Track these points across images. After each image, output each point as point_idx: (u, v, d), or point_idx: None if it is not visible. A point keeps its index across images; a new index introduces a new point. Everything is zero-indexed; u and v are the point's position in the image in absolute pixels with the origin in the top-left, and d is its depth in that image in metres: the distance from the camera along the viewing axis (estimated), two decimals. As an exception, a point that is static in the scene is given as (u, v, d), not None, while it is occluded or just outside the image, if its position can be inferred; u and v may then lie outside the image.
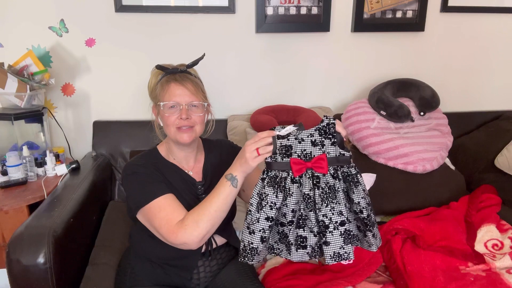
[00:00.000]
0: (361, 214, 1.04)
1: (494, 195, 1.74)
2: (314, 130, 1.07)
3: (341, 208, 1.03)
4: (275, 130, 1.05)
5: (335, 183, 1.04)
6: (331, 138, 1.06)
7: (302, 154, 1.05)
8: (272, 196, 1.03)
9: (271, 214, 1.03)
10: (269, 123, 1.87)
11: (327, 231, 1.01)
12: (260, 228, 1.04)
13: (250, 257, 1.05)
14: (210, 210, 1.08)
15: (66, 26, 1.93)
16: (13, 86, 1.75)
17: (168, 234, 1.08)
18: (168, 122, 1.18)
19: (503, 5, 2.24)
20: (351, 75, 2.23)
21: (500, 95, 2.42)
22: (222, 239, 1.31)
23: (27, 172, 1.70)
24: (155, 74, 1.23)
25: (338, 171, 1.05)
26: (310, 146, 1.06)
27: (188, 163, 1.28)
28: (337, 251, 1.02)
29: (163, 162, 1.24)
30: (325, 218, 1.02)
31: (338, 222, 1.02)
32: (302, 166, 1.04)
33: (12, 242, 1.17)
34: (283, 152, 1.05)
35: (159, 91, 1.18)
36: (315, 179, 1.04)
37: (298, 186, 1.04)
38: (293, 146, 1.06)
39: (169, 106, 1.17)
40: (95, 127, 1.99)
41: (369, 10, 2.11)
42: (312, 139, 1.06)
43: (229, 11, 1.99)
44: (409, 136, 1.90)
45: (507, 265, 1.35)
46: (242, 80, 2.13)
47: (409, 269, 1.31)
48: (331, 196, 1.03)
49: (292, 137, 1.06)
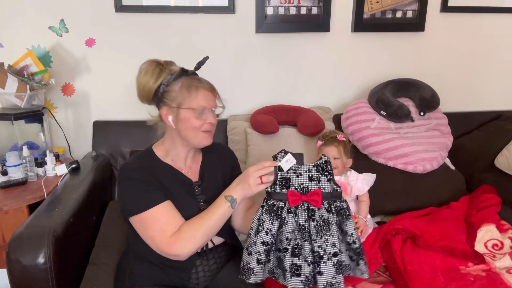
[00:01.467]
0: (354, 244, 1.14)
1: (494, 195, 1.74)
2: (312, 166, 1.16)
3: (334, 240, 1.11)
4: (277, 160, 1.15)
5: (329, 217, 1.13)
6: (327, 175, 1.16)
7: (300, 188, 1.15)
8: (268, 223, 1.13)
9: (266, 239, 1.12)
10: (269, 123, 1.87)
11: (321, 261, 1.09)
12: (256, 251, 1.13)
13: (247, 275, 1.15)
14: (208, 226, 1.14)
15: (66, 26, 1.93)
16: (13, 86, 1.75)
17: (163, 245, 1.11)
18: (195, 126, 1.19)
19: (503, 5, 2.24)
20: (351, 75, 2.23)
21: (500, 95, 2.42)
22: (220, 239, 1.31)
23: (27, 172, 1.70)
24: (152, 73, 1.19)
25: (331, 205, 1.15)
26: (307, 181, 1.15)
27: (186, 163, 1.29)
28: (329, 281, 1.09)
29: (158, 164, 1.24)
30: (319, 249, 1.10)
31: (332, 253, 1.10)
32: (298, 198, 1.14)
33: (12, 242, 1.17)
34: (282, 183, 1.16)
35: (184, 95, 1.17)
36: (310, 212, 1.13)
37: (294, 216, 1.13)
38: (291, 179, 1.16)
39: (199, 111, 1.18)
40: (95, 127, 1.99)
41: (369, 10, 2.11)
42: (310, 174, 1.16)
43: (229, 11, 1.99)
44: (409, 136, 1.90)
45: (507, 265, 1.35)
46: (242, 80, 2.13)
47: (409, 269, 1.31)
48: (325, 228, 1.11)
49: (292, 171, 1.15)
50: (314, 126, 1.87)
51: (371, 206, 1.61)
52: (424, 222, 1.57)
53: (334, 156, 1.58)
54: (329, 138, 1.63)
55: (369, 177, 1.60)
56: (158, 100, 1.21)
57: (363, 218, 1.52)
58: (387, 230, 1.53)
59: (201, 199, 1.27)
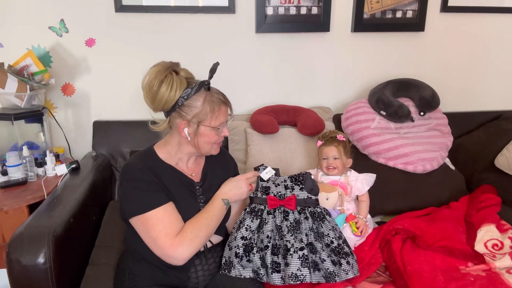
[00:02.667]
0: (332, 244, 1.29)
1: (494, 195, 1.74)
2: (287, 177, 1.41)
3: (301, 237, 1.28)
4: (259, 171, 1.39)
5: (300, 218, 1.33)
6: (299, 185, 1.39)
7: (277, 194, 1.38)
8: (248, 221, 1.33)
9: (245, 234, 1.30)
10: (269, 123, 1.87)
11: (288, 253, 1.24)
12: (235, 245, 1.29)
13: (228, 269, 1.27)
14: (209, 226, 1.20)
15: (66, 26, 1.93)
16: (13, 86, 1.75)
17: (166, 246, 1.11)
18: (213, 141, 1.21)
19: (503, 5, 2.24)
20: (351, 75, 2.23)
21: (500, 95, 2.42)
22: (218, 238, 1.32)
23: (27, 172, 1.70)
24: (170, 83, 1.12)
25: (305, 210, 1.35)
26: (283, 189, 1.39)
27: (189, 165, 1.29)
28: (294, 272, 1.21)
29: (160, 165, 1.24)
30: (287, 243, 1.26)
31: (298, 247, 1.25)
32: (276, 202, 1.36)
33: (12, 242, 1.17)
34: (263, 191, 1.40)
35: (207, 113, 1.16)
36: (285, 214, 1.33)
37: (273, 217, 1.33)
38: (270, 188, 1.40)
39: (220, 128, 1.20)
40: (95, 127, 1.99)
41: (369, 10, 2.11)
42: (285, 184, 1.40)
43: (229, 11, 1.99)
44: (409, 136, 1.90)
45: (507, 265, 1.35)
46: (242, 80, 2.13)
47: (409, 269, 1.31)
48: (295, 227, 1.30)
49: (271, 181, 1.40)
50: (314, 126, 1.87)
51: (371, 206, 1.61)
52: (424, 222, 1.57)
53: (334, 156, 1.58)
54: (329, 138, 1.62)
55: (369, 177, 1.60)
56: (172, 110, 1.17)
57: (363, 218, 1.52)
58: (387, 230, 1.53)
59: (201, 199, 1.27)
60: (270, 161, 1.80)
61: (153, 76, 1.13)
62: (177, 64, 1.19)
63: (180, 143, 1.23)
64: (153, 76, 1.13)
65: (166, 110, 1.18)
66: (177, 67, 1.18)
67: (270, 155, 1.82)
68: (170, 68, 1.15)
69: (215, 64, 1.20)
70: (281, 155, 1.82)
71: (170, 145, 1.25)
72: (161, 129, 1.23)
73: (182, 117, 1.16)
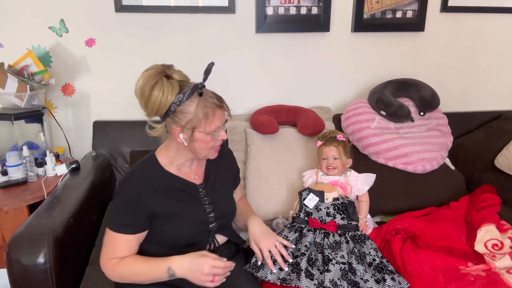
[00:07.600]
0: (374, 262, 1.29)
1: (494, 195, 1.74)
2: (330, 205, 1.44)
3: (343, 253, 1.30)
4: (302, 197, 1.47)
5: (340, 239, 1.35)
6: (341, 214, 1.42)
7: (319, 219, 1.43)
8: (287, 232, 1.41)
9: None
10: (269, 123, 1.87)
11: (330, 263, 1.26)
12: None
13: (256, 270, 1.27)
14: (139, 280, 1.16)
15: (66, 26, 1.93)
16: (13, 86, 1.75)
17: (102, 260, 1.16)
18: (209, 146, 1.17)
19: (503, 5, 2.24)
20: (351, 75, 2.23)
21: (500, 95, 2.42)
22: (223, 238, 1.31)
23: (27, 172, 1.70)
24: (161, 88, 1.08)
25: (346, 234, 1.38)
26: (325, 216, 1.43)
27: (191, 168, 1.28)
28: (335, 280, 1.22)
29: (161, 173, 1.22)
30: (329, 255, 1.29)
31: (340, 261, 1.27)
32: (317, 225, 1.40)
33: (12, 242, 1.18)
34: (305, 213, 1.45)
35: (200, 119, 1.11)
36: (326, 234, 1.37)
37: (313, 233, 1.38)
38: (313, 213, 1.44)
39: (215, 133, 1.16)
40: (95, 127, 1.99)
41: (369, 10, 2.11)
42: (328, 211, 1.43)
43: (229, 11, 2.00)
44: (409, 136, 1.90)
45: (507, 265, 1.35)
46: (242, 80, 2.13)
47: (409, 269, 1.31)
48: (335, 247, 1.33)
49: (314, 207, 1.45)
50: (314, 126, 1.87)
51: (371, 206, 1.61)
52: (424, 222, 1.57)
53: (334, 156, 1.58)
54: (329, 138, 1.63)
55: (369, 177, 1.60)
56: (166, 115, 1.13)
57: (363, 218, 1.52)
58: (387, 230, 1.53)
59: (206, 201, 1.26)
60: (270, 161, 1.80)
61: (145, 81, 1.10)
62: (170, 67, 1.14)
63: (179, 148, 1.20)
64: (144, 81, 1.10)
65: (160, 115, 1.15)
66: (169, 70, 1.13)
67: (270, 155, 1.82)
68: (162, 72, 1.11)
69: (210, 64, 1.16)
70: (281, 155, 1.82)
71: (171, 151, 1.23)
72: (158, 135, 1.21)
73: (176, 123, 1.13)
